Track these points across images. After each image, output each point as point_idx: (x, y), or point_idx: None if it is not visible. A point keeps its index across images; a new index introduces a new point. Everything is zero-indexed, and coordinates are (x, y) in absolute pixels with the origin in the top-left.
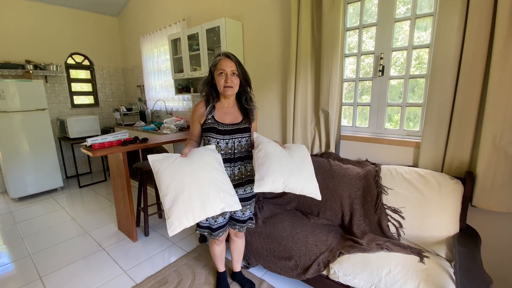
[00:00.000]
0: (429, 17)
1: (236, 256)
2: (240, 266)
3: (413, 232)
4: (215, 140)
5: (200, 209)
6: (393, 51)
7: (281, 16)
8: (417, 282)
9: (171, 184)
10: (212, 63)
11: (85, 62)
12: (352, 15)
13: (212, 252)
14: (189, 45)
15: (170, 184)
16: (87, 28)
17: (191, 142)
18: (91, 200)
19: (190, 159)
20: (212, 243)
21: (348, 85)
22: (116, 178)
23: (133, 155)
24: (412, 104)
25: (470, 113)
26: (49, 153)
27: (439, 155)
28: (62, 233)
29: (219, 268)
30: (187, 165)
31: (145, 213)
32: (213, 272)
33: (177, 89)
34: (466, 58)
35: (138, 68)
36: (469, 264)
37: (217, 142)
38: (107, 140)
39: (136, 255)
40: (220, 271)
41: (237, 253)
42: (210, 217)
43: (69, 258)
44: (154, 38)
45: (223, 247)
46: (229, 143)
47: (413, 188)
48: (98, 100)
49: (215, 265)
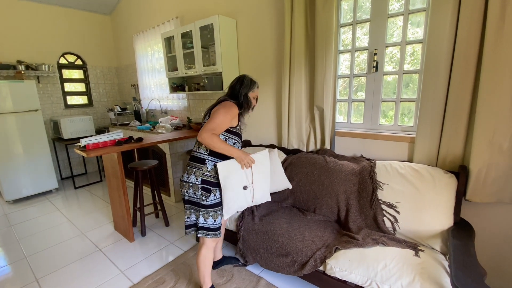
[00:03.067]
0: (422, 12)
1: (220, 244)
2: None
3: (408, 226)
4: (238, 144)
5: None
6: (387, 47)
7: (275, 13)
8: (412, 276)
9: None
10: (251, 87)
11: (78, 62)
12: (346, 11)
13: (208, 260)
14: (183, 43)
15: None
16: (79, 27)
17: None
18: (87, 201)
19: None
20: (209, 249)
21: (344, 81)
22: (111, 178)
23: (129, 155)
24: (406, 99)
25: (463, 108)
26: (43, 155)
27: (433, 150)
28: (58, 235)
29: (209, 283)
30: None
31: (141, 213)
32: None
33: (172, 88)
34: (459, 53)
35: (131, 67)
36: (463, 257)
37: (238, 146)
38: (101, 140)
39: (133, 255)
40: (210, 285)
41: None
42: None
43: (65, 260)
44: (148, 36)
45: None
46: (239, 147)
47: (408, 183)
48: (92, 100)
49: (205, 281)
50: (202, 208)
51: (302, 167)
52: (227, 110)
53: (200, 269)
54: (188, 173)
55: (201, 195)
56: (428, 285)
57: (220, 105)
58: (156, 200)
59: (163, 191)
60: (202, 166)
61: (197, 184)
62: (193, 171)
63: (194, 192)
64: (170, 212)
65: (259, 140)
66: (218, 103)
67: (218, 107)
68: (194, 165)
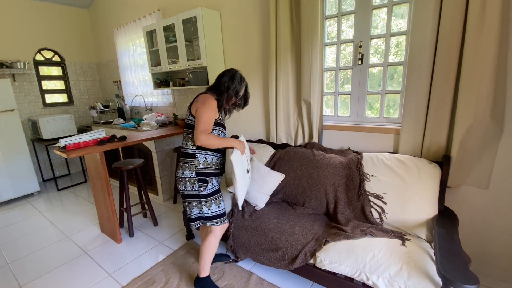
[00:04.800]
0: (406, 4)
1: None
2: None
3: (395, 216)
4: (223, 134)
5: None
6: (372, 39)
7: (259, 5)
8: (400, 265)
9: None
10: (245, 86)
11: (56, 58)
12: (331, 3)
13: (214, 249)
14: (166, 37)
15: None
16: (55, 21)
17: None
18: (71, 203)
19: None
20: (217, 237)
21: (330, 74)
22: (94, 179)
23: (113, 154)
24: (391, 91)
25: (446, 99)
26: (22, 156)
27: (417, 141)
28: (42, 239)
29: (208, 271)
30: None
31: (128, 213)
32: None
33: (156, 84)
34: (442, 44)
35: (113, 62)
36: (448, 245)
37: (224, 136)
38: (82, 140)
39: (121, 257)
40: (207, 274)
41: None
42: (223, 202)
43: (50, 265)
44: (129, 30)
45: None
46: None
47: (394, 174)
48: (72, 98)
49: (204, 268)
50: (203, 199)
51: (290, 162)
52: (207, 105)
53: (203, 257)
54: (182, 169)
55: (199, 187)
56: (415, 274)
57: (197, 102)
58: (143, 200)
59: (151, 190)
60: (194, 160)
61: (193, 177)
62: (186, 166)
63: (192, 185)
64: (159, 211)
65: (248, 135)
66: (196, 97)
67: (197, 105)
68: (186, 160)
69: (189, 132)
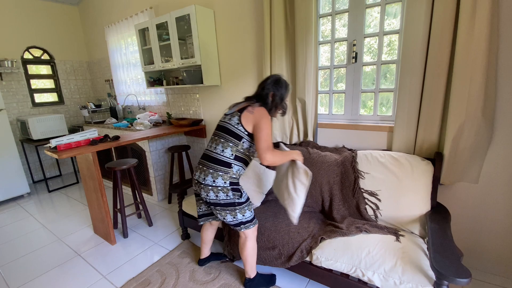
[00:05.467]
0: (398, 3)
1: (211, 242)
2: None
3: (389, 213)
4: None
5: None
6: (365, 37)
7: (253, 3)
8: (394, 261)
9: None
10: (287, 90)
11: (45, 57)
12: (324, 2)
13: (255, 250)
14: (159, 35)
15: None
16: (44, 19)
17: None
18: (63, 204)
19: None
20: (254, 239)
21: (324, 73)
22: (87, 180)
23: (106, 154)
24: (385, 89)
25: (438, 97)
26: (11, 157)
27: (411, 138)
28: (33, 242)
29: (255, 270)
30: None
31: (122, 214)
32: (198, 268)
33: (149, 82)
34: (433, 43)
35: (105, 61)
36: (440, 240)
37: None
38: (74, 140)
39: (115, 259)
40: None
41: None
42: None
43: (42, 268)
44: (120, 28)
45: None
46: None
47: (388, 171)
48: (63, 97)
49: (253, 270)
50: (239, 206)
51: None
52: (266, 120)
53: (248, 262)
54: (212, 176)
55: (233, 196)
56: (409, 269)
57: (253, 115)
58: (138, 200)
59: (145, 190)
60: (229, 170)
61: (227, 186)
62: (219, 175)
63: (225, 194)
64: (153, 212)
65: None
66: (246, 106)
67: (254, 120)
68: (219, 168)
69: (229, 139)
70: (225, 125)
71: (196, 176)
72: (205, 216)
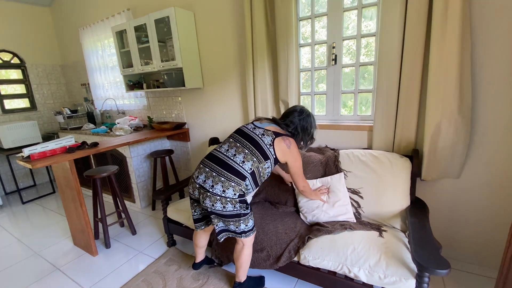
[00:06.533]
0: (374, 6)
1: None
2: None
3: (371, 209)
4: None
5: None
6: (344, 40)
7: (233, 6)
8: (378, 256)
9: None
10: (315, 126)
11: (15, 60)
12: (304, 5)
13: (250, 257)
14: (137, 37)
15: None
16: (14, 21)
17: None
18: (39, 216)
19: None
20: (251, 246)
21: (305, 74)
22: (64, 189)
23: (85, 162)
24: (364, 90)
25: (414, 97)
26: None
27: (389, 137)
28: (7, 257)
29: (246, 274)
30: None
31: (103, 223)
32: (186, 275)
33: (128, 86)
34: (408, 45)
35: (80, 64)
36: (420, 233)
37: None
38: (49, 148)
39: (98, 270)
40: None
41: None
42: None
43: (18, 285)
44: (96, 30)
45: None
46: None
47: (369, 169)
48: (35, 103)
49: (245, 275)
50: (244, 217)
51: None
52: (297, 151)
53: (243, 267)
54: (223, 186)
55: (241, 207)
56: (393, 263)
57: (293, 151)
58: (120, 208)
59: (127, 197)
60: (242, 182)
61: (235, 198)
62: (231, 185)
63: (233, 205)
64: (137, 220)
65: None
66: (279, 133)
67: (289, 156)
68: (232, 178)
69: (255, 153)
70: (255, 137)
71: (199, 180)
72: (201, 220)
